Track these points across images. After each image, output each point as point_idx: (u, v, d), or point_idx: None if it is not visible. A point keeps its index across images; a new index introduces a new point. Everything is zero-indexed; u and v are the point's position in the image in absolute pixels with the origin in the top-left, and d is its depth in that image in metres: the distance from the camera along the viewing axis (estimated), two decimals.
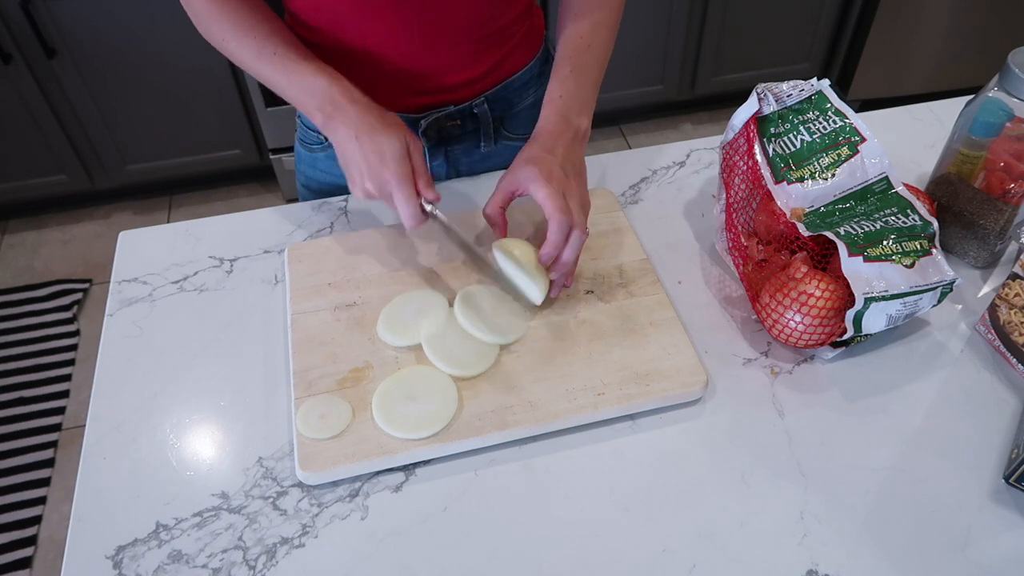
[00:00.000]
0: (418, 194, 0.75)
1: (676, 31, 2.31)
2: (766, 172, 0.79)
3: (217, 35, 0.80)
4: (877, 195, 0.78)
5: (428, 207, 0.75)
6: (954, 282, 0.70)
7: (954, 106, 0.82)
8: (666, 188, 0.95)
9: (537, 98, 0.99)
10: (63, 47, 1.94)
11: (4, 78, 1.95)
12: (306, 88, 0.77)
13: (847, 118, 0.79)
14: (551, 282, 0.75)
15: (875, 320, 0.69)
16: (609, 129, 2.60)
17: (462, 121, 0.94)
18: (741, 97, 0.82)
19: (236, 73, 2.08)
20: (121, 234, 0.90)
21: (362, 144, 0.74)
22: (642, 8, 2.24)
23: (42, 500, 1.70)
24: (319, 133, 0.96)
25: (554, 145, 0.77)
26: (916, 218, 0.75)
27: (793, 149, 0.79)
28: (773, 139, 0.80)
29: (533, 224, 0.86)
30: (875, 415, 0.72)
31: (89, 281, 2.16)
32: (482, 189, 0.94)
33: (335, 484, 0.67)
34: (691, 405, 0.73)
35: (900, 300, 0.69)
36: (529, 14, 0.93)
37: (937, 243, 0.74)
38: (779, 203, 0.78)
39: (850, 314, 0.69)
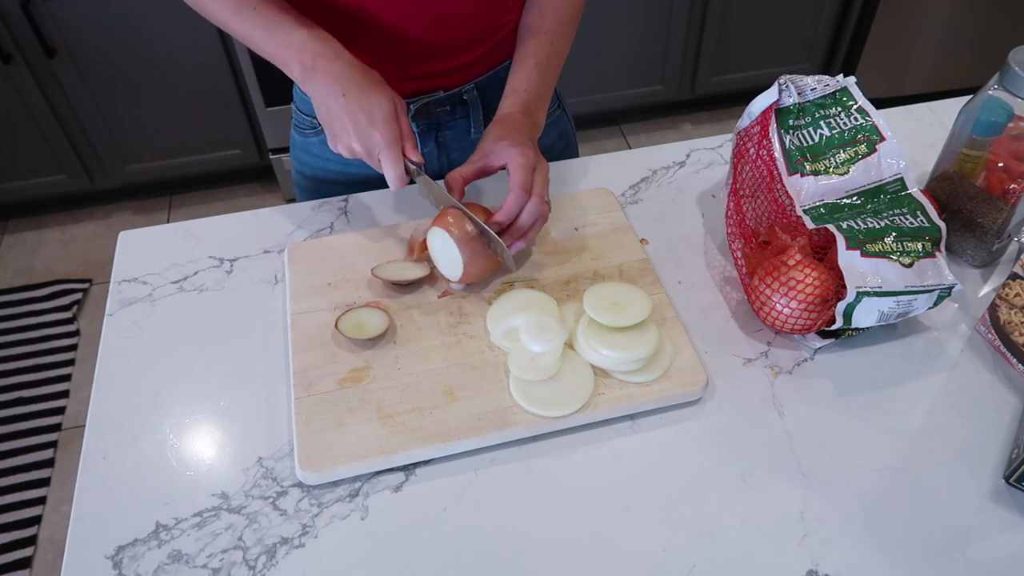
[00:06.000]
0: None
1: (676, 31, 2.31)
2: (780, 162, 0.79)
3: None
4: (889, 195, 0.78)
5: (412, 168, 0.77)
6: (953, 287, 0.70)
7: (954, 106, 0.82)
8: (666, 188, 0.95)
9: None
10: (63, 47, 1.94)
11: (4, 78, 1.95)
12: (286, 41, 0.76)
13: (869, 116, 0.79)
14: (507, 243, 0.77)
15: (866, 315, 0.70)
16: (609, 129, 2.60)
17: (452, 107, 0.95)
18: (741, 97, 0.83)
19: (236, 72, 2.08)
20: (121, 234, 0.90)
21: (349, 102, 0.74)
22: (642, 8, 2.24)
23: (42, 500, 1.70)
24: (313, 117, 0.96)
25: (519, 127, 0.81)
26: (924, 220, 0.75)
27: (811, 143, 0.80)
28: (791, 131, 0.80)
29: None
30: (875, 415, 0.72)
31: (89, 281, 2.16)
32: None
33: (335, 484, 0.67)
34: (691, 405, 0.73)
35: (893, 298, 0.69)
36: (519, 7, 0.94)
37: (942, 247, 0.74)
38: (790, 192, 0.78)
39: (841, 306, 0.69)
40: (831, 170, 0.79)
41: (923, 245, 0.72)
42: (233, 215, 0.92)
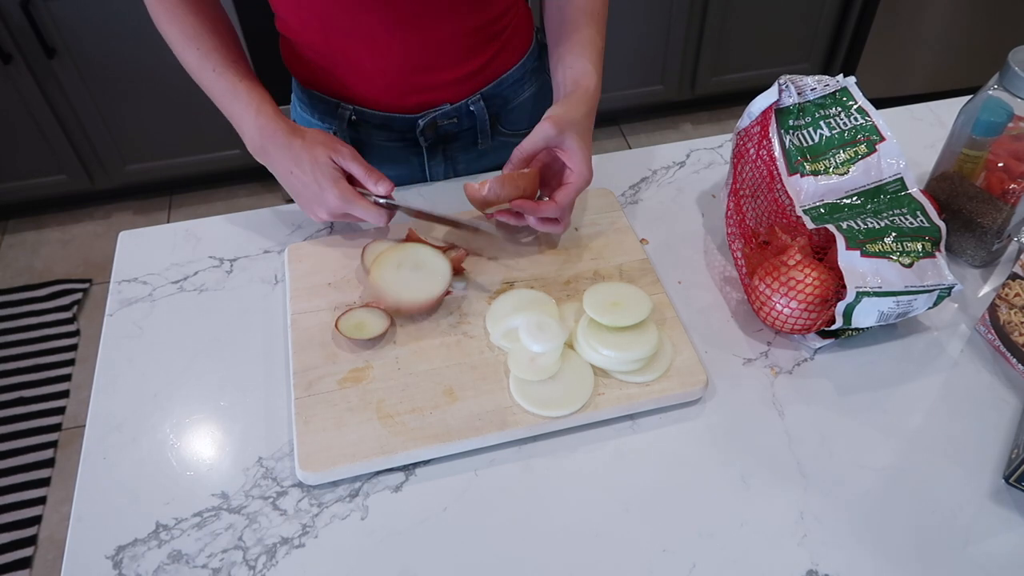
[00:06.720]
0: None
1: (676, 31, 2.31)
2: (780, 163, 0.79)
3: (167, 36, 0.83)
4: (889, 195, 0.78)
5: (384, 200, 0.80)
6: (952, 287, 0.70)
7: (954, 106, 0.82)
8: (666, 188, 0.95)
9: (532, 93, 0.99)
10: (63, 47, 1.94)
11: (4, 78, 1.95)
12: (239, 113, 0.83)
13: (869, 116, 0.79)
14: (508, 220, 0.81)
15: (866, 315, 0.70)
16: (609, 129, 2.60)
17: (459, 119, 0.94)
18: (741, 97, 0.83)
19: None
20: (121, 234, 0.90)
21: (298, 176, 0.80)
22: (642, 8, 2.24)
23: (42, 500, 1.70)
24: (310, 119, 0.98)
25: (589, 116, 0.81)
26: (924, 220, 0.75)
27: (811, 143, 0.80)
28: (791, 131, 0.80)
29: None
30: (875, 415, 0.72)
31: (89, 281, 2.16)
32: None
33: (335, 484, 0.67)
34: (691, 405, 0.73)
35: (893, 298, 0.69)
36: (516, 8, 0.93)
37: (942, 247, 0.74)
38: (790, 193, 0.78)
39: (841, 306, 0.70)
40: (831, 170, 0.79)
41: (923, 245, 0.72)
42: (233, 215, 0.92)
